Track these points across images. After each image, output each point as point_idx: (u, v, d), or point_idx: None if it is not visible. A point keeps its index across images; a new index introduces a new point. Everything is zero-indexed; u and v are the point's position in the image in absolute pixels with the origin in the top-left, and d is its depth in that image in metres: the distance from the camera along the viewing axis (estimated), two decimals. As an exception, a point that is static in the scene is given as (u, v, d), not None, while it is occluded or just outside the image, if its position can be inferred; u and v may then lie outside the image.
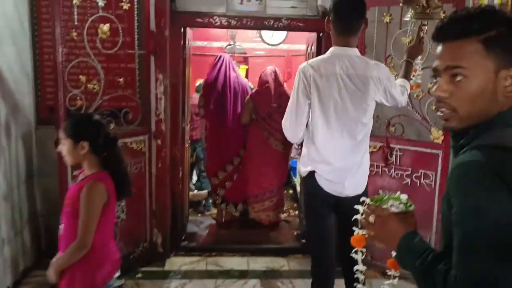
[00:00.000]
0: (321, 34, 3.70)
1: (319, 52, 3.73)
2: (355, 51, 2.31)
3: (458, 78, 1.03)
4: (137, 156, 3.33)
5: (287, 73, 6.92)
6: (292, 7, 3.60)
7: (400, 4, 2.51)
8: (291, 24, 3.58)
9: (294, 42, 6.76)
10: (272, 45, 6.80)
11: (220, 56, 4.36)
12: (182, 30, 3.66)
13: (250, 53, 6.89)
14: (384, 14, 3.23)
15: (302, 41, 6.76)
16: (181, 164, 3.80)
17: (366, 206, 1.28)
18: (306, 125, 2.32)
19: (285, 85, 4.39)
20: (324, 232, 2.36)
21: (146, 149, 3.39)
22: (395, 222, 1.19)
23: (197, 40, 6.57)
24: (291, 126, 2.31)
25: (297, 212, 4.72)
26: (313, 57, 3.73)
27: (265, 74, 4.29)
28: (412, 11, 2.47)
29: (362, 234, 1.36)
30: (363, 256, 1.49)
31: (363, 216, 1.28)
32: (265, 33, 6.72)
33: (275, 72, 4.29)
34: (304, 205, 2.52)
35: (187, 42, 3.79)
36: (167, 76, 3.45)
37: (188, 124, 4.38)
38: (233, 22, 3.56)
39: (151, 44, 3.32)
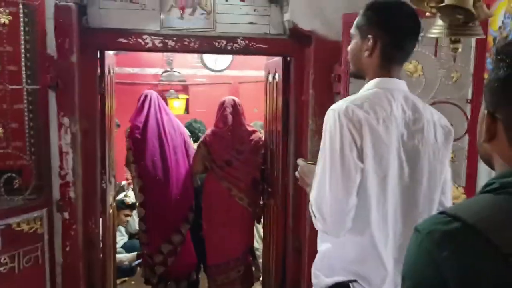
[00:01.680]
0: (288, 59, 2.82)
1: (286, 81, 2.85)
2: (405, 86, 1.43)
3: None
4: (30, 241, 2.22)
5: (234, 103, 6.01)
6: (251, 23, 2.68)
7: (428, 13, 1.67)
8: (249, 46, 2.65)
9: (241, 68, 5.92)
10: (216, 71, 5.88)
11: (145, 96, 3.33)
12: (98, 54, 2.62)
13: (191, 80, 5.90)
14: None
15: (251, 66, 5.98)
16: (102, 241, 2.71)
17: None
18: None
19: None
20: None
21: (45, 229, 2.28)
22: None
23: (127, 66, 5.54)
24: (336, 210, 1.28)
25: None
26: (278, 88, 2.83)
27: (221, 108, 3.35)
28: (443, 25, 1.65)
29: None
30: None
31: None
32: (208, 58, 5.80)
33: (233, 105, 3.34)
34: None
35: (106, 70, 2.75)
36: (76, 119, 2.39)
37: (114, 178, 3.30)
38: (171, 44, 2.58)
39: (49, 75, 2.26)
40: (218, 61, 5.82)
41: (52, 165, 2.34)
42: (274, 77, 3.09)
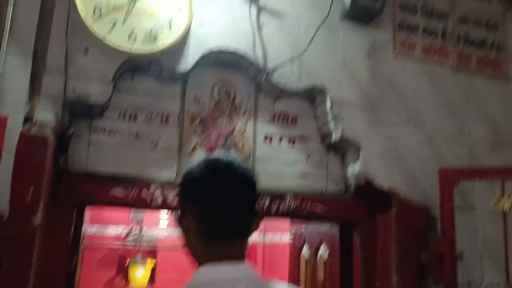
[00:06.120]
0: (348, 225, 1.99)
1: (344, 260, 1.97)
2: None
3: None
4: None
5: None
6: (303, 174, 1.90)
7: None
8: (301, 207, 1.83)
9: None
10: (192, 232, 4.88)
11: None
12: (74, 212, 1.68)
13: (161, 243, 4.82)
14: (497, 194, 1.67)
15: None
16: None
17: None
18: None
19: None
20: None
21: None
22: None
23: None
24: None
25: None
26: (328, 268, 1.95)
27: None
28: None
29: None
30: None
31: None
32: (183, 216, 4.84)
33: None
34: None
35: (82, 237, 1.78)
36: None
37: None
38: (191, 200, 1.71)
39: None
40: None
41: None
42: (316, 251, 2.20)
